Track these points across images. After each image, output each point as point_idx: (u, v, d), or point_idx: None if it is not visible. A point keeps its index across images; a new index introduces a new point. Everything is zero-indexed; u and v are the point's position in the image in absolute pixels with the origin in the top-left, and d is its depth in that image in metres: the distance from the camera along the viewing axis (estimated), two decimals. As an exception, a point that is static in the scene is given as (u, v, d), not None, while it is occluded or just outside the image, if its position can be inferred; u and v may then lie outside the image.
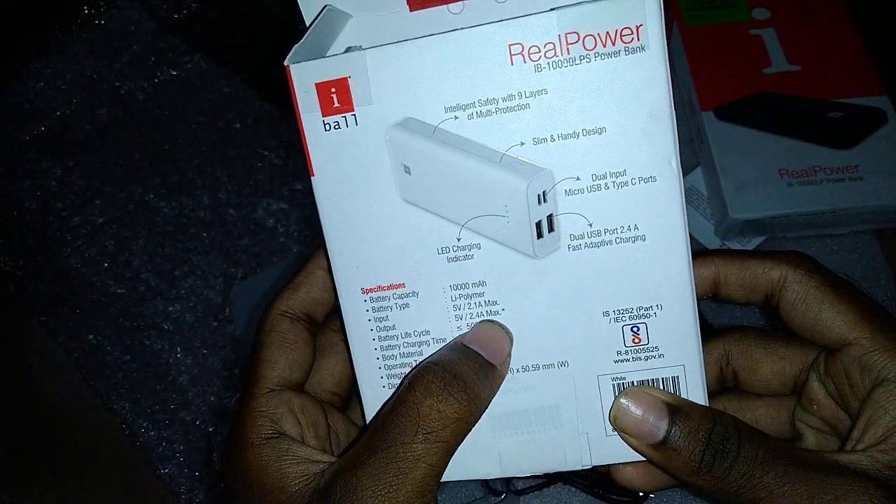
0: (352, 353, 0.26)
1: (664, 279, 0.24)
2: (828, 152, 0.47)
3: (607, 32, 0.22)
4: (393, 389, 0.26)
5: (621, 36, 0.22)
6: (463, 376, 0.23)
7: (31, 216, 0.55)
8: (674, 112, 0.23)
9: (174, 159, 0.57)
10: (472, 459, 0.26)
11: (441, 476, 0.23)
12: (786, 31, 0.53)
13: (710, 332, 0.45)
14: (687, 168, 0.53)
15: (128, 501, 0.48)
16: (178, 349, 0.50)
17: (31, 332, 0.52)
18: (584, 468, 0.26)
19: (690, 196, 0.52)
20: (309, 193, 0.59)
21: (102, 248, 0.54)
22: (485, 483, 0.43)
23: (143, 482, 0.47)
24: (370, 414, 0.26)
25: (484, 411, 0.24)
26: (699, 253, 0.27)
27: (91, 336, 0.51)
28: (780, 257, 0.26)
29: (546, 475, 0.44)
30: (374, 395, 0.26)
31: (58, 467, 0.48)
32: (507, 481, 0.43)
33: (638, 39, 0.22)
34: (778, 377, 0.28)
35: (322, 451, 0.25)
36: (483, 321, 0.25)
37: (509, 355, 0.25)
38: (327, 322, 0.28)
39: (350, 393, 0.30)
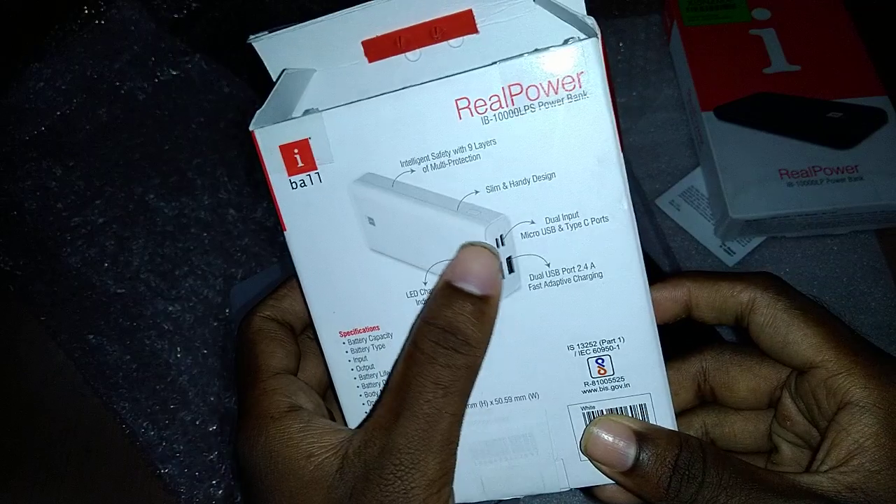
0: (336, 390, 0.27)
1: (624, 313, 0.25)
2: (828, 152, 0.47)
3: (549, 82, 0.23)
4: None
5: (563, 84, 0.23)
6: (460, 328, 0.23)
7: (31, 216, 0.55)
8: (621, 154, 0.23)
9: (174, 159, 0.57)
10: (456, 485, 0.26)
11: (462, 419, 0.24)
12: (786, 31, 0.53)
13: (713, 337, 0.45)
14: (687, 168, 0.53)
15: (128, 501, 0.48)
16: (178, 349, 0.50)
17: (31, 332, 0.52)
18: (563, 490, 0.26)
19: (690, 196, 0.52)
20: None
21: (102, 248, 0.54)
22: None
23: (143, 482, 0.47)
24: None
25: (489, 343, 0.24)
26: (671, 275, 0.28)
27: (91, 336, 0.51)
28: (749, 280, 0.27)
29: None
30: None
31: (58, 467, 0.48)
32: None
33: (580, 87, 0.23)
34: (754, 394, 0.28)
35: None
36: (465, 245, 0.25)
37: (500, 272, 0.25)
38: (303, 330, 0.29)
39: (327, 395, 0.30)
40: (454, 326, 0.23)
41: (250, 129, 0.25)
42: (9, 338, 0.52)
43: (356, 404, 0.27)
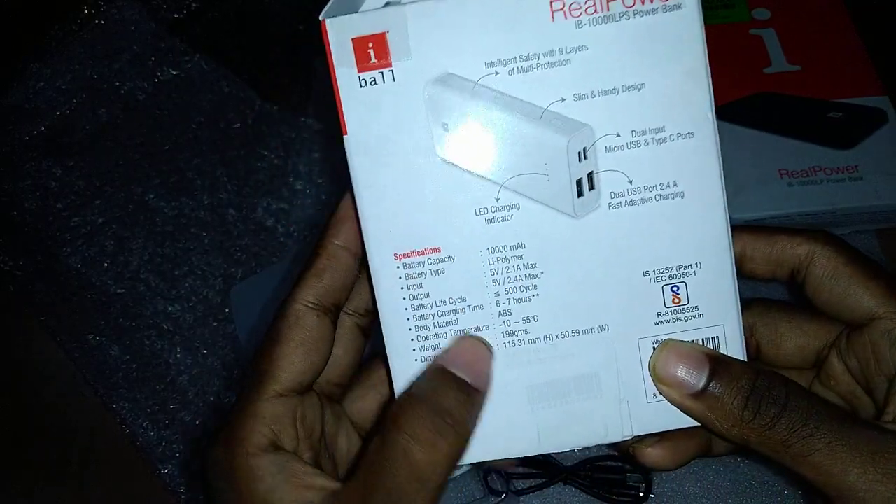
0: (382, 323, 0.25)
1: (703, 236, 0.24)
2: (828, 152, 0.47)
3: None
4: (425, 363, 0.25)
5: None
6: (451, 412, 0.22)
7: (31, 216, 0.55)
8: (709, 69, 0.23)
9: (174, 159, 0.57)
10: (510, 436, 0.25)
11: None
12: (786, 32, 0.53)
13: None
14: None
15: (128, 501, 0.48)
16: (178, 349, 0.50)
17: (31, 332, 0.52)
18: (626, 439, 0.25)
19: (690, 196, 0.52)
20: (309, 194, 0.59)
21: (102, 248, 0.54)
22: (484, 483, 0.43)
23: (142, 482, 0.47)
24: (399, 389, 0.25)
25: (468, 442, 0.23)
26: None
27: (91, 336, 0.51)
28: (807, 234, 0.27)
29: (545, 476, 0.44)
30: (405, 367, 0.25)
31: (57, 467, 0.48)
32: (507, 481, 0.43)
33: None
34: (801, 351, 0.28)
35: (314, 468, 0.24)
36: (462, 337, 0.25)
37: (490, 373, 0.24)
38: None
39: (350, 382, 0.29)
40: (444, 406, 0.22)
41: (320, 18, 0.23)
42: (9, 338, 0.52)
43: (404, 339, 0.25)
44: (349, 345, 0.28)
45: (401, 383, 0.25)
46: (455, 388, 0.23)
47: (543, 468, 0.44)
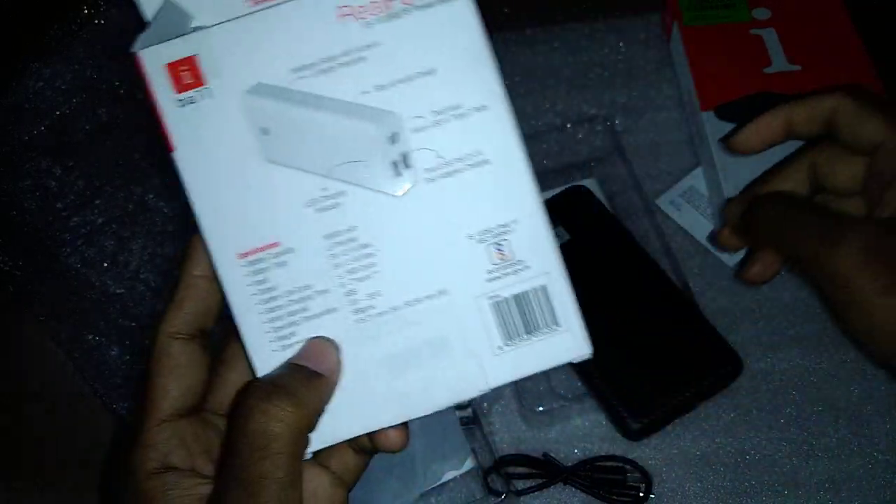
0: (236, 322, 0.27)
1: (513, 196, 0.26)
2: (828, 152, 0.47)
3: None
4: (284, 351, 0.26)
5: None
6: (284, 385, 0.24)
7: (31, 216, 0.55)
8: (490, 48, 0.26)
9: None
10: (377, 408, 0.27)
11: (300, 481, 0.24)
12: (786, 31, 0.53)
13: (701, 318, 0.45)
14: (687, 168, 0.53)
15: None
16: (178, 349, 0.50)
17: (31, 332, 0.52)
18: (483, 392, 0.27)
19: (691, 196, 0.52)
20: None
21: (102, 248, 0.54)
22: (484, 483, 0.43)
23: (142, 482, 0.47)
24: None
25: (316, 417, 0.25)
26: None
27: (91, 336, 0.51)
28: (836, 90, 0.34)
29: (545, 476, 0.44)
30: (265, 359, 0.27)
31: (57, 468, 0.48)
32: (508, 482, 0.43)
33: None
34: (852, 181, 0.35)
35: (205, 478, 0.26)
36: (309, 339, 0.26)
37: (338, 362, 0.26)
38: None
39: None
40: (277, 381, 0.24)
41: (132, 51, 0.25)
42: (8, 338, 0.52)
43: (259, 333, 0.26)
44: (246, 368, 0.29)
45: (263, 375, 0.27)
46: (293, 370, 0.25)
47: (543, 468, 0.44)
